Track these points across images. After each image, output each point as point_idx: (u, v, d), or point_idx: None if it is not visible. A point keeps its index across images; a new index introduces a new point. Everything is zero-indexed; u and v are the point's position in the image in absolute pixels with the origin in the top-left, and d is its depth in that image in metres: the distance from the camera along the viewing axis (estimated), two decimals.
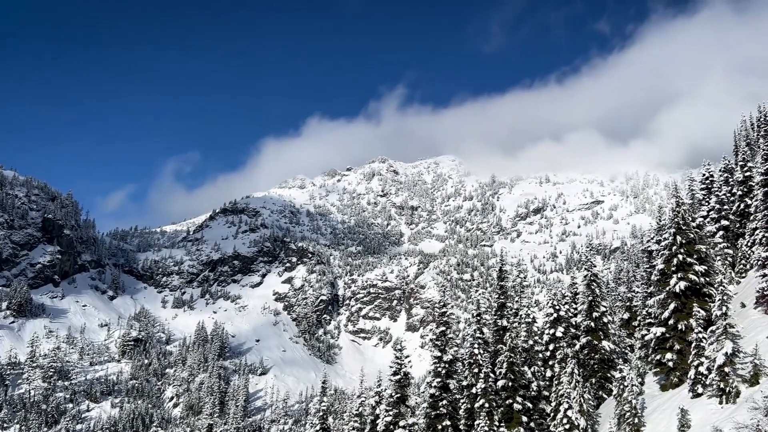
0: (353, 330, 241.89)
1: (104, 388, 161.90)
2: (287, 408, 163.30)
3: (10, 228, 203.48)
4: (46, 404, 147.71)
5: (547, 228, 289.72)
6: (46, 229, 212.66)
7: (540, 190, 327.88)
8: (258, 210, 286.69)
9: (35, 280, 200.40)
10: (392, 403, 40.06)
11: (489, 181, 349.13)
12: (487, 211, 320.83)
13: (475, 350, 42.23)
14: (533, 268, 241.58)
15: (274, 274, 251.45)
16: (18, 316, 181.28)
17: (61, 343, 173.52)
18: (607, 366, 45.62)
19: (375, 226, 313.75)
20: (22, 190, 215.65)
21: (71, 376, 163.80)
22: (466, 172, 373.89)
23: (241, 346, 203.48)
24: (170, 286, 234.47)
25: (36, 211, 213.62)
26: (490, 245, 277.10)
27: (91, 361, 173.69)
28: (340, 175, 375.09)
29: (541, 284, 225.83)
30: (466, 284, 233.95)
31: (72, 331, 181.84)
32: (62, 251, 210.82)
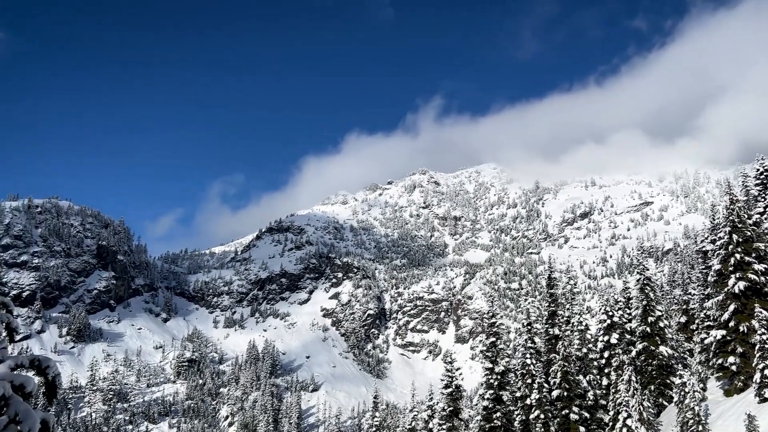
0: (402, 343, 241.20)
1: (161, 409, 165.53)
2: (340, 424, 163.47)
3: (67, 256, 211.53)
4: (107, 426, 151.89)
5: (595, 232, 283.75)
6: (101, 256, 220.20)
7: (586, 193, 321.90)
8: (302, 227, 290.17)
9: (92, 306, 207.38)
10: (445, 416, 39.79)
11: (533, 188, 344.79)
12: (532, 218, 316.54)
13: (527, 360, 41.61)
14: (583, 274, 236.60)
15: (321, 290, 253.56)
16: (77, 341, 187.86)
17: (119, 366, 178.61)
18: (665, 372, 44.24)
19: (419, 238, 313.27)
20: (77, 219, 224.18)
21: (130, 398, 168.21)
22: (509, 179, 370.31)
23: (292, 363, 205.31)
24: (221, 306, 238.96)
25: (91, 239, 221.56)
26: (537, 252, 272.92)
27: (148, 382, 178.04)
28: (382, 189, 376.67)
29: (592, 290, 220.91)
30: (514, 293, 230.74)
31: (129, 354, 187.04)
32: (117, 276, 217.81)
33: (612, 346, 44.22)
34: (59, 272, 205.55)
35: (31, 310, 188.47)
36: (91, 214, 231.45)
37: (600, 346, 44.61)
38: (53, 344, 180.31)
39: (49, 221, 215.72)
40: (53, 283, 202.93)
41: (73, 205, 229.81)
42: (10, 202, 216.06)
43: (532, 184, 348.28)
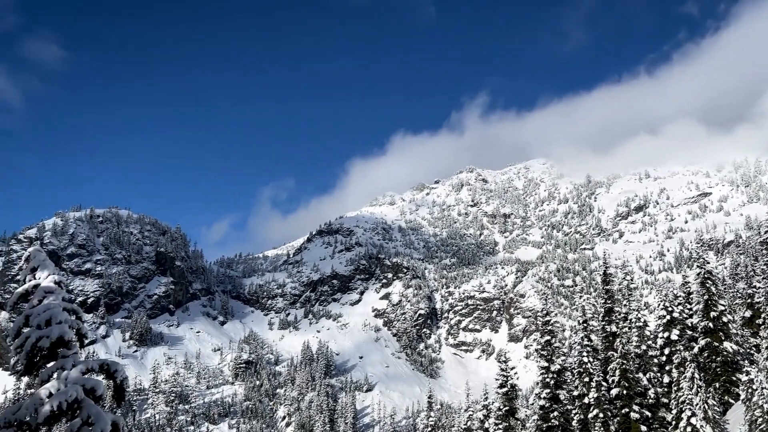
0: (454, 343, 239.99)
1: (221, 410, 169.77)
2: (395, 424, 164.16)
3: (128, 263, 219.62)
4: (170, 427, 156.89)
5: (651, 226, 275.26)
6: (160, 262, 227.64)
7: (640, 186, 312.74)
8: (351, 229, 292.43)
9: (153, 311, 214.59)
10: (501, 416, 39.49)
11: (584, 182, 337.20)
12: (584, 213, 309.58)
13: (584, 358, 40.84)
14: (639, 268, 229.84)
15: (371, 290, 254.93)
16: (140, 345, 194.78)
17: (179, 368, 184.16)
18: (731, 369, 42.64)
19: (468, 237, 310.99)
20: (136, 227, 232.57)
21: (191, 399, 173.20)
22: (559, 174, 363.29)
23: (346, 363, 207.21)
24: (275, 309, 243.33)
25: (149, 246, 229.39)
26: (591, 248, 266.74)
27: (207, 384, 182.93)
28: (429, 189, 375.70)
29: (649, 285, 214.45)
30: (568, 290, 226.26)
31: (188, 356, 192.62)
32: (175, 282, 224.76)
33: (672, 343, 42.91)
34: (121, 279, 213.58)
35: (96, 315, 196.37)
36: (149, 222, 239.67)
37: (660, 343, 43.36)
38: (117, 348, 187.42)
39: (110, 230, 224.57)
40: (116, 290, 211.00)
41: (132, 214, 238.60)
42: (73, 213, 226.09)
43: (584, 179, 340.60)
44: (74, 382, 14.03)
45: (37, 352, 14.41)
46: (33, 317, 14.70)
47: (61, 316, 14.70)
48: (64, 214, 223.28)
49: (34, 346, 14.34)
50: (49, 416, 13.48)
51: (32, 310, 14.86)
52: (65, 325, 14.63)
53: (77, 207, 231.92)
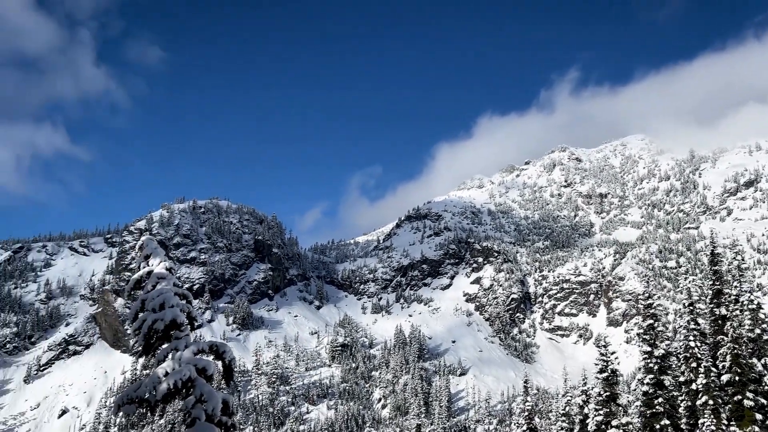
0: (549, 327, 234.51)
1: (319, 392, 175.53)
2: (490, 408, 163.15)
3: (229, 251, 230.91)
4: (272, 407, 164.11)
5: (763, 202, 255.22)
6: (258, 250, 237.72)
7: (750, 160, 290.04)
8: (440, 214, 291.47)
9: (253, 296, 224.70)
10: (601, 401, 38.30)
11: (687, 158, 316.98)
12: (688, 191, 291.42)
13: (690, 343, 38.73)
14: (751, 248, 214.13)
15: (462, 275, 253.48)
16: (242, 328, 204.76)
17: (279, 351, 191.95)
18: None
19: (561, 219, 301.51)
20: (235, 216, 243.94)
21: (291, 381, 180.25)
22: (659, 150, 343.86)
23: (438, 347, 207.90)
24: (367, 293, 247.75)
25: (248, 234, 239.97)
26: (696, 227, 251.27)
27: (306, 366, 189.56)
28: (519, 170, 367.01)
29: (762, 266, 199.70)
30: (671, 272, 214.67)
31: (288, 339, 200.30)
32: (273, 268, 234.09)
33: None
34: (223, 266, 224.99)
35: (201, 301, 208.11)
36: (247, 212, 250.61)
37: None
38: (222, 332, 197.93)
39: (211, 220, 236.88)
40: (218, 276, 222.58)
41: (231, 204, 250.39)
42: (178, 205, 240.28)
43: (686, 154, 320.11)
44: (187, 362, 14.99)
45: (153, 334, 15.48)
46: (148, 302, 15.80)
47: (173, 301, 15.71)
48: (170, 206, 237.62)
49: (150, 329, 15.42)
50: (166, 394, 14.48)
51: (147, 295, 15.97)
52: (177, 308, 15.63)
53: (181, 199, 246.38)
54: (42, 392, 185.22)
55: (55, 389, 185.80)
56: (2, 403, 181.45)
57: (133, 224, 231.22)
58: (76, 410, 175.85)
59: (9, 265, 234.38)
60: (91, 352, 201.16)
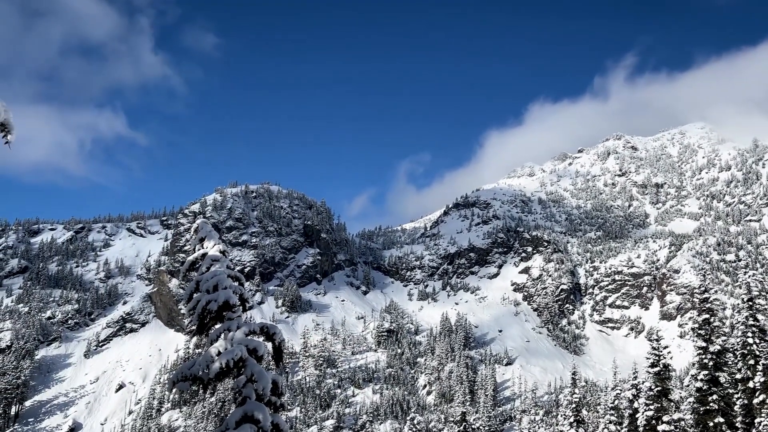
0: (599, 320, 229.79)
1: (365, 376, 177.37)
2: (536, 398, 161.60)
3: (279, 235, 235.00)
4: (319, 389, 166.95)
5: None
6: (307, 234, 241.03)
7: None
8: (488, 202, 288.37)
9: (302, 280, 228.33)
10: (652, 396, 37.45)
11: (750, 147, 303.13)
12: (750, 181, 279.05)
13: (748, 339, 37.38)
14: None
15: (510, 264, 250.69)
16: (291, 311, 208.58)
17: (326, 334, 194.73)
18: None
19: (615, 209, 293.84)
20: (285, 201, 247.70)
21: (337, 364, 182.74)
22: (720, 139, 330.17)
23: (484, 336, 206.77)
24: (414, 280, 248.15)
25: (297, 219, 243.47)
26: (758, 220, 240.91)
27: (352, 350, 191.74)
28: (571, 158, 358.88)
29: None
30: (729, 266, 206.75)
31: (335, 323, 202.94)
32: (321, 253, 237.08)
33: None
34: (273, 250, 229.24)
35: (252, 284, 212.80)
36: (297, 197, 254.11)
37: None
38: (271, 314, 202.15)
39: (263, 204, 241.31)
40: (269, 260, 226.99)
41: (282, 189, 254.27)
42: (230, 189, 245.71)
43: (750, 143, 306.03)
44: (239, 343, 15.43)
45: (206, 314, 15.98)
46: (202, 283, 16.30)
47: (226, 282, 16.16)
48: (223, 190, 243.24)
49: (204, 309, 15.92)
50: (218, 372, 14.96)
51: (201, 277, 16.47)
52: (230, 290, 16.07)
53: (234, 183, 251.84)
54: (101, 367, 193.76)
55: (112, 365, 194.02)
56: (64, 376, 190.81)
57: (188, 207, 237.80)
58: (132, 385, 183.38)
59: (71, 245, 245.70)
60: (146, 330, 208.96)
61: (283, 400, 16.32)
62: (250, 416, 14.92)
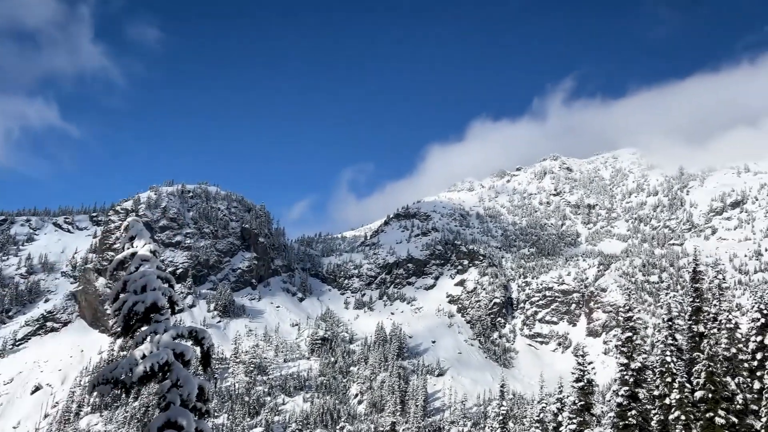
0: (529, 334, 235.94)
1: (297, 384, 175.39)
2: (465, 410, 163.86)
3: (215, 237, 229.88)
4: (248, 396, 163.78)
5: (748, 223, 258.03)
6: (244, 238, 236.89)
7: (738, 181, 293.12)
8: (429, 214, 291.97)
9: (236, 284, 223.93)
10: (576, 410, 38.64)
11: (676, 174, 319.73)
12: (675, 207, 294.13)
13: (667, 358, 39.15)
14: (733, 268, 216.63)
15: (446, 276, 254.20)
16: (223, 316, 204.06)
17: (259, 341, 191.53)
18: None
19: (548, 227, 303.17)
20: (223, 203, 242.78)
21: (268, 371, 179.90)
22: (649, 165, 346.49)
23: (418, 346, 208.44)
24: (351, 288, 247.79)
25: (235, 222, 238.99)
26: (680, 244, 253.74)
27: (285, 357, 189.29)
28: (510, 176, 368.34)
29: (743, 286, 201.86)
30: (653, 287, 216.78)
31: (268, 330, 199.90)
32: (258, 257, 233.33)
33: (766, 348, 40.34)
34: (208, 252, 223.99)
35: (184, 286, 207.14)
36: (235, 199, 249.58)
37: (752, 347, 40.81)
38: (202, 318, 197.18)
39: (199, 205, 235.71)
40: (203, 262, 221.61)
41: (220, 191, 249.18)
42: (166, 187, 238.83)
43: (676, 171, 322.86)
44: (165, 346, 14.91)
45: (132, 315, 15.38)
46: (130, 283, 15.69)
47: (156, 283, 15.61)
48: (158, 188, 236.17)
49: (130, 310, 15.32)
50: (142, 376, 14.40)
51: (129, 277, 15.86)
52: (159, 291, 15.53)
53: (170, 182, 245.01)
54: (16, 367, 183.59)
55: (29, 365, 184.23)
56: None
57: (120, 204, 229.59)
58: (50, 387, 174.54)
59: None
60: (68, 330, 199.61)
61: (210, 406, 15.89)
62: (173, 422, 14.42)
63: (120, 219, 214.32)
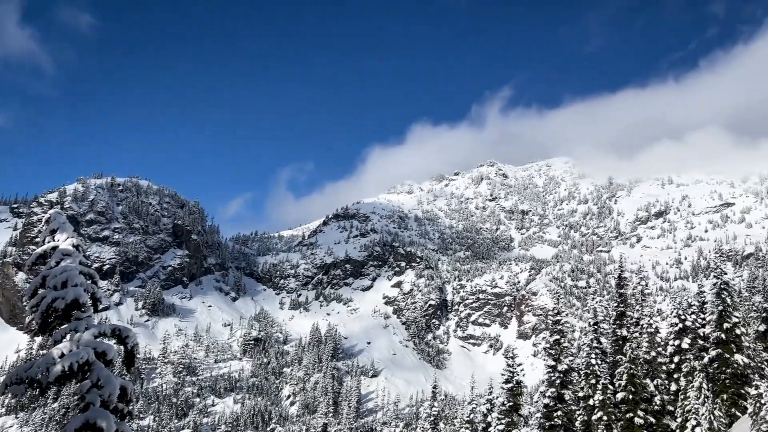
0: (463, 336, 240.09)
1: (227, 385, 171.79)
2: (398, 411, 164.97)
3: (145, 233, 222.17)
4: (176, 398, 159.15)
5: (670, 232, 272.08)
6: (176, 235, 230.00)
7: (662, 192, 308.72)
8: (368, 215, 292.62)
9: (167, 282, 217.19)
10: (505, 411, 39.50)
11: (605, 184, 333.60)
12: (603, 215, 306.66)
13: (592, 360, 40.64)
14: (655, 275, 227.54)
15: (383, 278, 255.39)
16: (152, 314, 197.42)
17: (189, 341, 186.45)
18: (740, 382, 42.13)
19: (484, 231, 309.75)
20: (155, 198, 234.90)
21: (198, 372, 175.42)
22: (581, 174, 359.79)
23: (353, 348, 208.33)
24: (287, 289, 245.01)
25: (167, 218, 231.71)
26: (608, 251, 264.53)
27: (215, 358, 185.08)
28: (448, 180, 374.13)
29: (663, 292, 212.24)
30: (581, 291, 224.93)
31: (199, 329, 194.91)
32: (190, 255, 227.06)
33: (683, 351, 42.50)
34: (137, 248, 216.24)
35: (111, 282, 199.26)
36: (168, 194, 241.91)
37: (670, 351, 42.96)
38: (129, 316, 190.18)
39: (129, 199, 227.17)
40: (131, 259, 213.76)
41: (152, 185, 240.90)
42: (95, 180, 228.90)
43: (605, 180, 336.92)
44: (86, 345, 14.24)
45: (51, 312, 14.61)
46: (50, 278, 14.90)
47: (78, 279, 14.88)
48: (86, 180, 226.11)
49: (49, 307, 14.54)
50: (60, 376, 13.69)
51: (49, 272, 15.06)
52: (81, 288, 14.81)
53: (99, 174, 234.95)
54: None
55: None
56: None
57: (44, 196, 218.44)
58: None
59: None
60: None
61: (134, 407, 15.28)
62: (92, 424, 13.77)
63: (43, 211, 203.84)
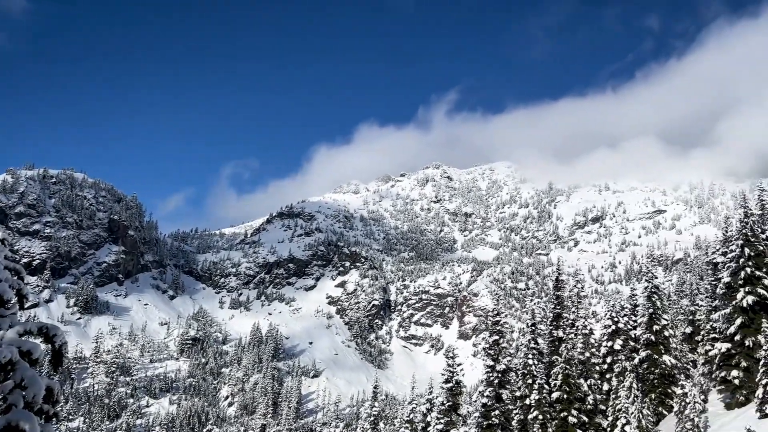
0: (405, 336, 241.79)
1: (163, 385, 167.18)
2: (339, 411, 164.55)
3: (78, 228, 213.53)
4: (109, 398, 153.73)
5: (606, 237, 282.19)
6: (112, 230, 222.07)
7: (599, 198, 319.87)
8: (313, 214, 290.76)
9: (101, 279, 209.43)
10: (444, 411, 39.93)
11: (546, 189, 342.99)
12: (543, 219, 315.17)
13: (529, 360, 41.61)
14: (591, 278, 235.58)
15: (327, 277, 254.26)
16: (84, 312, 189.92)
17: (123, 340, 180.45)
18: (667, 381, 44.09)
19: (428, 233, 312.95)
20: (90, 191, 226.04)
21: (132, 372, 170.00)
22: (522, 179, 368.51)
23: (295, 348, 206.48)
24: (228, 287, 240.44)
25: (103, 212, 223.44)
26: (546, 254, 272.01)
27: (151, 358, 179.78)
28: (394, 181, 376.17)
29: (598, 295, 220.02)
30: (520, 293, 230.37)
31: (134, 328, 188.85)
32: (126, 251, 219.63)
33: (615, 352, 44.10)
34: (70, 243, 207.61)
35: (41, 279, 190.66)
36: (104, 188, 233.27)
37: (603, 351, 44.51)
38: (60, 314, 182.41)
39: (62, 192, 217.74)
40: (63, 254, 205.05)
41: (88, 178, 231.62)
42: (26, 171, 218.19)
43: (545, 185, 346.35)
44: (9, 344, 13.53)
45: None
46: None
47: (2, 274, 14.13)
48: (16, 171, 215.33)
49: None
50: None
51: None
52: (5, 284, 14.07)
53: (30, 165, 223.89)
54: None
55: None
56: None
57: None
58: None
59: None
60: None
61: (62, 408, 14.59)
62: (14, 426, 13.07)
63: None
